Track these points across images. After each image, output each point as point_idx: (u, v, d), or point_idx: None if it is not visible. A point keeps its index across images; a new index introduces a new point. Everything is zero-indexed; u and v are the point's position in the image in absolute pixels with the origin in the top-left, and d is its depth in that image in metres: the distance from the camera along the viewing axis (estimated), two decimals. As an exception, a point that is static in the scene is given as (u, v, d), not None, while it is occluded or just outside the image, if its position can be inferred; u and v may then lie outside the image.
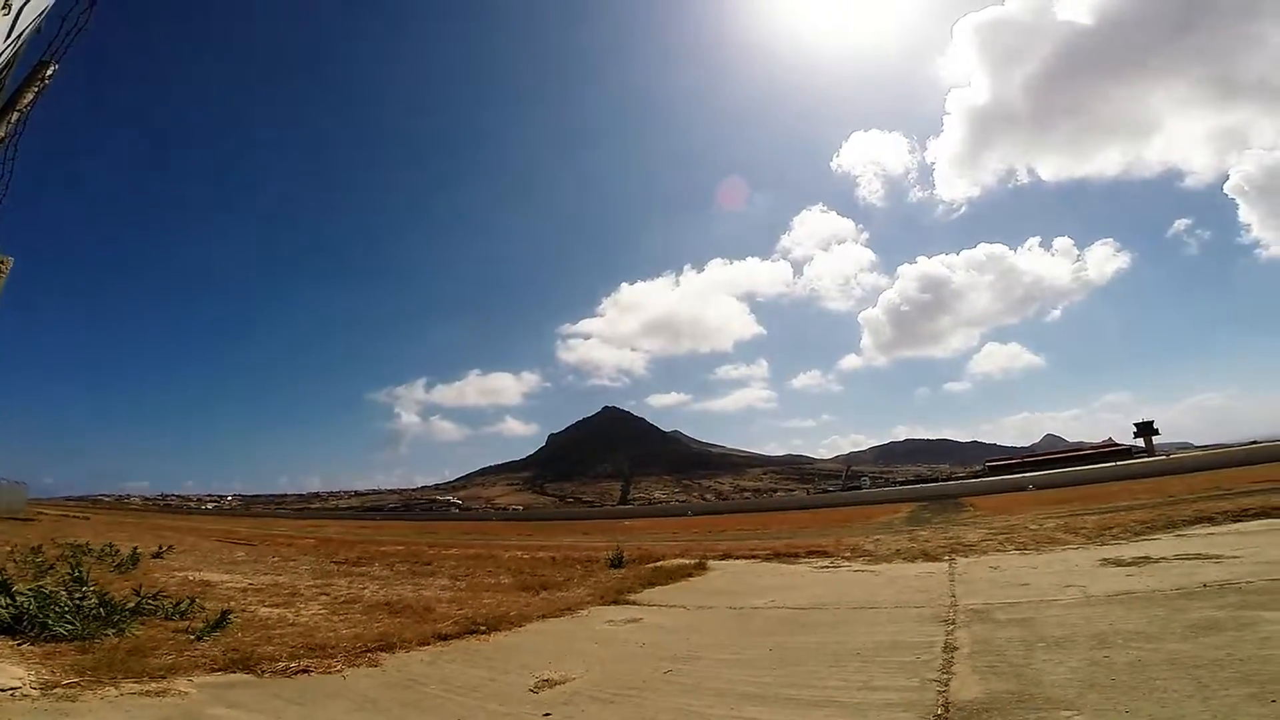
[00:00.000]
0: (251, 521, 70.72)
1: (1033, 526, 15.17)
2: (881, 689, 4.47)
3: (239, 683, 5.47)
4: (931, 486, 61.93)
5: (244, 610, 8.78)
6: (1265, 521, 11.17)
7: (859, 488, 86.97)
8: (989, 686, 4.23)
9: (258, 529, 45.26)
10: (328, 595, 10.85)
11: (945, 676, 4.55)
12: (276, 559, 18.89)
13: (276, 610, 9.20)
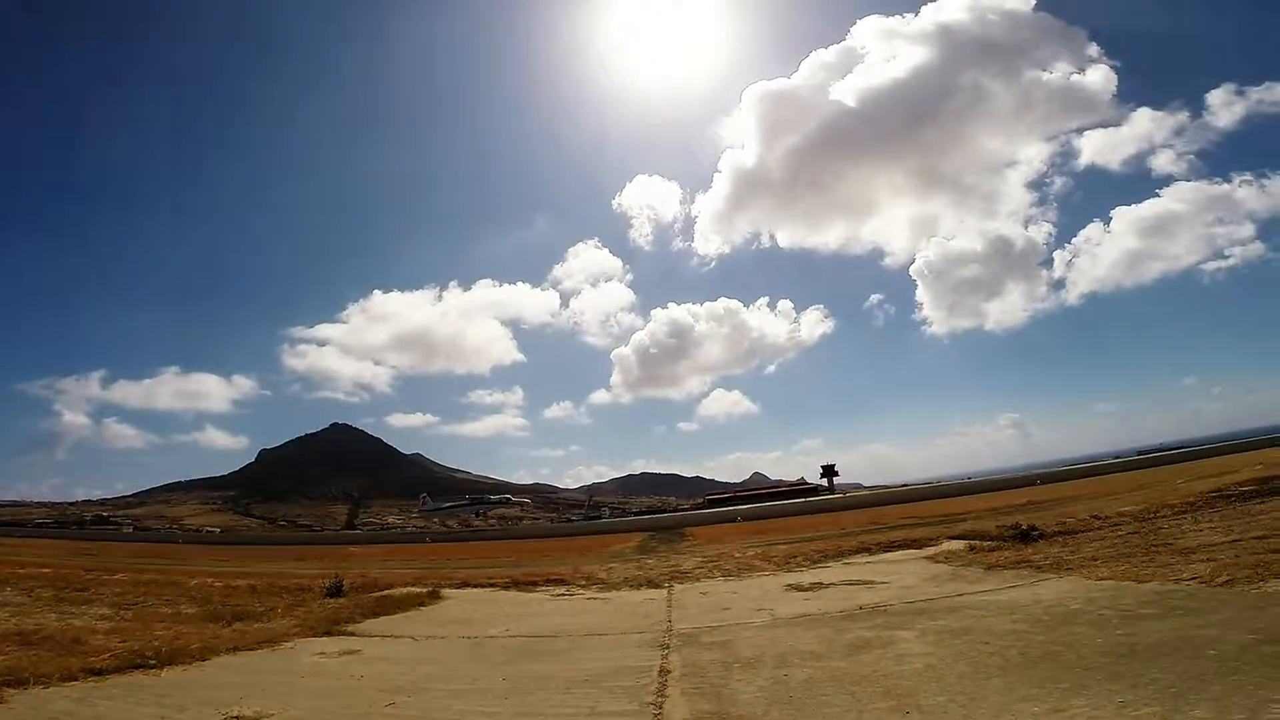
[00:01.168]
0: None
1: (737, 555, 17.06)
2: (607, 714, 4.68)
3: None
4: (660, 517, 66.69)
5: None
6: (906, 552, 13.93)
7: (599, 517, 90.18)
8: (695, 707, 4.66)
9: None
10: (-77, 627, 8.34)
11: (660, 699, 4.90)
12: None
13: None
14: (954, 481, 67.95)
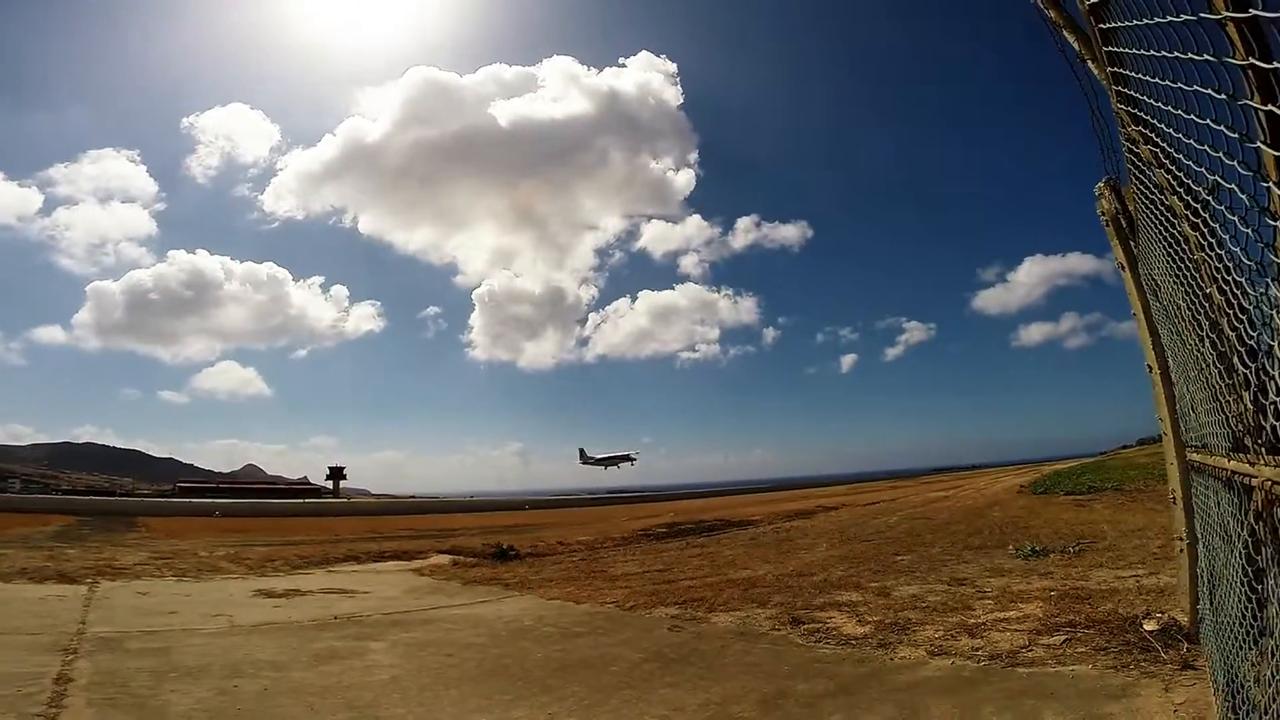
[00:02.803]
0: None
1: (202, 553, 14.94)
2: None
3: None
4: (106, 500, 52.90)
5: None
6: (397, 563, 14.14)
7: (3, 490, 66.85)
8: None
9: None
10: None
11: (54, 711, 3.98)
12: None
13: None
14: (458, 498, 72.10)
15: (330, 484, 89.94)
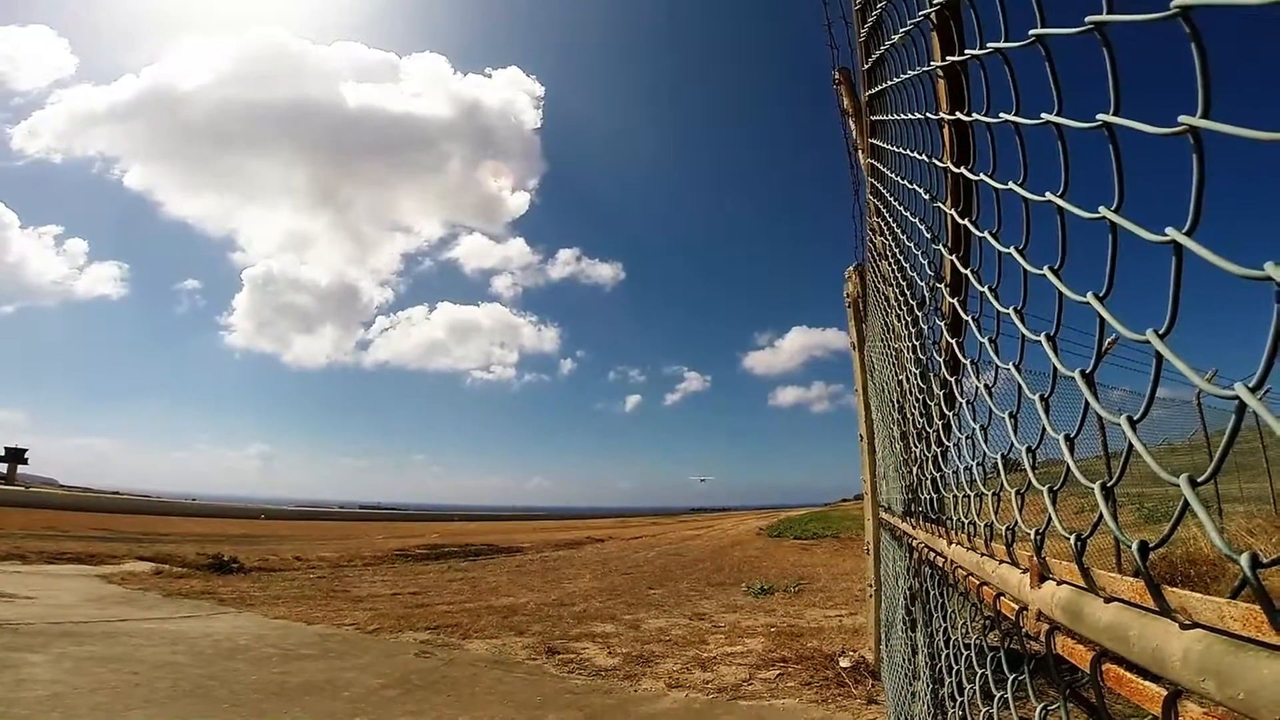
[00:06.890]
0: None
1: None
2: None
3: None
4: None
5: None
6: (79, 567, 11.85)
7: None
8: None
9: None
10: None
11: None
12: None
13: None
14: (176, 500, 62.13)
15: (4, 467, 72.25)
